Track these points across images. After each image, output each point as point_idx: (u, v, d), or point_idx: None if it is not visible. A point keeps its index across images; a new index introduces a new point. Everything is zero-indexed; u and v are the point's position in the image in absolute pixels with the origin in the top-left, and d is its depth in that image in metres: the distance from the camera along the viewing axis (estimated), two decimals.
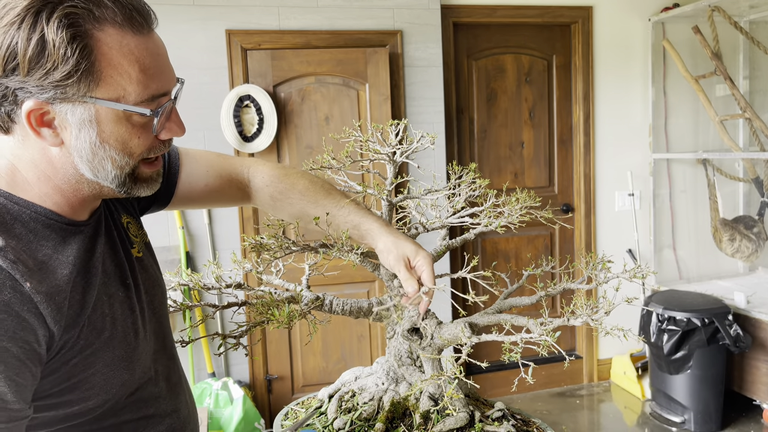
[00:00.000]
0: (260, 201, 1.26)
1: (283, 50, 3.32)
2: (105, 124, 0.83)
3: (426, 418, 1.19)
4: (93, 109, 0.81)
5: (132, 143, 0.86)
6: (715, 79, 3.87)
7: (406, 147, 1.28)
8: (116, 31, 0.80)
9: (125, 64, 0.81)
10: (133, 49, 0.82)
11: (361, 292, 3.48)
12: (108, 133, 0.84)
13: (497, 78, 3.88)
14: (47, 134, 0.82)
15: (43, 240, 0.86)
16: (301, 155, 3.35)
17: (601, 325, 1.06)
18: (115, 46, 0.80)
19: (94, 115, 0.82)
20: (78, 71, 0.78)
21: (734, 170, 4.13)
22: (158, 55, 0.85)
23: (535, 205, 1.28)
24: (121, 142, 0.85)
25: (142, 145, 0.87)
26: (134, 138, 0.86)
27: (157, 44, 0.86)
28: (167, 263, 3.20)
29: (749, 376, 3.48)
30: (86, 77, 0.79)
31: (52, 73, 0.77)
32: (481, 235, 3.89)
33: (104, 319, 0.91)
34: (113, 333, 0.92)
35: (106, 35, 0.80)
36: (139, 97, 0.83)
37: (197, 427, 1.17)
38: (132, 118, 0.84)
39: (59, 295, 0.84)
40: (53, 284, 0.83)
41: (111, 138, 0.84)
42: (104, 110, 0.82)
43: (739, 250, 3.71)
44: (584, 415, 3.78)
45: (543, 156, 4.00)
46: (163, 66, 0.87)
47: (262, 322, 1.12)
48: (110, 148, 0.85)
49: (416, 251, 1.12)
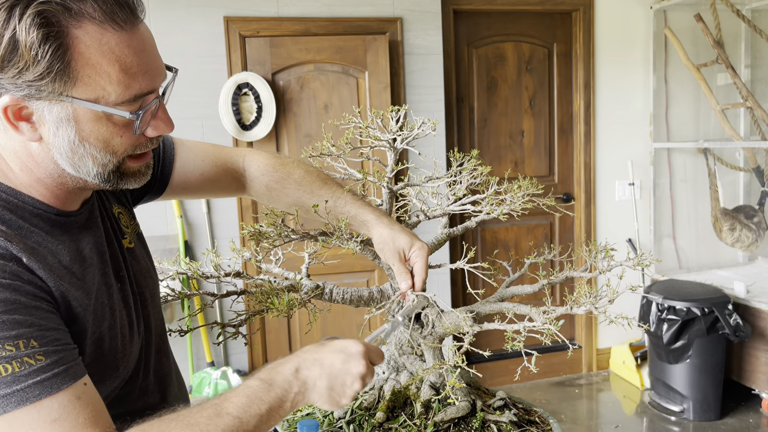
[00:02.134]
0: (255, 191, 1.24)
1: (282, 37, 3.28)
2: (84, 123, 0.80)
3: (427, 407, 1.18)
4: (70, 108, 0.78)
5: (114, 142, 0.83)
6: (717, 67, 3.84)
7: (406, 133, 1.26)
8: (95, 28, 0.76)
9: (104, 64, 0.77)
10: (114, 47, 0.77)
11: (361, 281, 3.47)
12: (87, 132, 0.81)
13: (498, 66, 3.85)
14: (25, 129, 0.80)
15: (34, 227, 0.84)
16: (300, 144, 3.33)
17: (604, 313, 1.05)
18: (94, 45, 0.76)
19: (72, 114, 0.79)
20: (51, 72, 0.75)
21: (735, 159, 4.11)
22: (143, 52, 0.81)
23: (537, 193, 1.27)
24: (102, 141, 0.82)
25: (125, 143, 0.84)
26: (116, 137, 0.83)
27: (143, 39, 0.81)
28: (165, 252, 3.18)
29: (748, 365, 3.49)
30: (61, 77, 0.76)
31: (24, 73, 0.74)
32: (481, 224, 3.88)
33: (104, 309, 0.90)
34: (113, 323, 0.91)
35: (84, 33, 0.76)
36: (119, 97, 0.79)
37: None
38: (113, 118, 0.81)
39: (62, 278, 0.83)
40: (49, 265, 0.82)
41: (91, 137, 0.81)
42: (82, 109, 0.79)
43: (739, 239, 3.70)
44: (583, 404, 3.79)
45: (543, 145, 3.98)
46: (149, 63, 0.82)
47: (262, 311, 1.11)
48: (90, 146, 0.82)
49: (411, 243, 1.10)
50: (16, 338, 0.74)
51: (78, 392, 0.78)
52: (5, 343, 0.73)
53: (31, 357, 0.74)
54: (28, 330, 0.75)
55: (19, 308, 0.75)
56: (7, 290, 0.75)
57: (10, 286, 0.76)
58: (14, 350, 0.73)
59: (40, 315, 0.77)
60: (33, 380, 0.74)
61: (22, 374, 0.73)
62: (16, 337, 0.74)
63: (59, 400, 0.75)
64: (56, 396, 0.75)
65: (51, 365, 0.76)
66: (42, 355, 0.75)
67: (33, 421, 0.74)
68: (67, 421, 0.76)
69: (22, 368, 0.73)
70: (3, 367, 0.73)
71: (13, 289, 0.76)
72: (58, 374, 0.76)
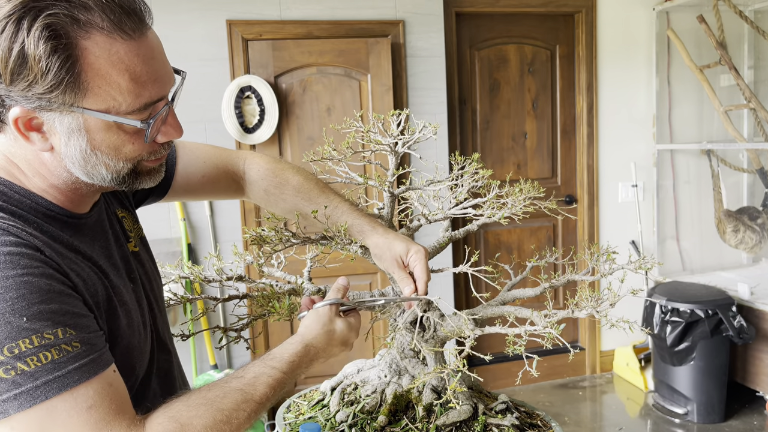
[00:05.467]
0: (254, 194, 1.25)
1: (284, 40, 3.29)
2: (95, 132, 0.80)
3: (429, 410, 1.18)
4: (81, 119, 0.78)
5: (125, 149, 0.84)
6: (720, 69, 3.83)
7: (408, 137, 1.26)
8: (104, 39, 0.76)
9: (114, 74, 0.77)
10: (123, 57, 0.77)
11: (363, 284, 3.47)
12: (99, 141, 0.81)
13: (500, 68, 3.85)
14: (36, 139, 0.80)
15: (48, 226, 0.85)
16: (302, 147, 3.33)
17: (606, 317, 1.05)
18: (103, 55, 0.76)
19: (83, 125, 0.79)
20: (61, 84, 0.75)
21: (738, 161, 4.10)
22: (152, 59, 0.81)
23: (538, 196, 1.26)
24: (113, 149, 0.83)
25: (136, 150, 0.85)
26: (127, 145, 0.83)
27: (151, 47, 0.81)
28: (169, 255, 3.19)
29: (753, 367, 3.47)
30: (71, 89, 0.76)
31: (34, 86, 0.74)
32: (484, 226, 3.87)
33: (121, 308, 0.91)
34: (129, 322, 0.92)
35: (93, 44, 0.75)
36: (130, 107, 0.80)
37: None
38: (124, 127, 0.81)
39: (79, 275, 0.83)
40: (67, 262, 0.82)
41: (102, 146, 0.82)
42: (93, 120, 0.79)
43: (742, 241, 3.69)
44: (587, 406, 3.78)
45: (546, 147, 3.98)
46: (158, 70, 0.82)
47: (263, 315, 1.12)
48: (102, 154, 0.82)
49: (407, 249, 1.11)
50: (55, 326, 0.75)
51: (110, 378, 0.79)
52: (44, 332, 0.74)
53: (69, 344, 0.75)
54: (65, 318, 0.76)
55: (54, 297, 0.76)
56: (42, 279, 0.76)
57: (44, 274, 0.76)
58: (53, 338, 0.74)
59: (73, 303, 0.79)
60: (72, 366, 0.75)
61: (61, 361, 0.74)
62: (55, 325, 0.75)
63: (94, 387, 0.77)
64: (91, 382, 0.76)
65: (86, 352, 0.77)
66: (78, 342, 0.76)
67: (71, 408, 0.75)
68: (102, 408, 0.77)
69: (61, 355, 0.74)
70: (43, 355, 0.73)
71: (47, 276, 0.77)
72: (93, 360, 0.77)
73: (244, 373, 0.91)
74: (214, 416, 0.82)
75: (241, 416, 0.85)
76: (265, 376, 0.91)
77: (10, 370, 0.72)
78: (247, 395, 0.87)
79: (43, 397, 0.73)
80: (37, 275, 0.75)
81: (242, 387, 0.88)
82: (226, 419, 0.83)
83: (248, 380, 0.89)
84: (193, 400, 0.84)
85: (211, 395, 0.85)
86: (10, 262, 0.74)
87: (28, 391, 0.72)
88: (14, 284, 0.73)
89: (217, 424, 0.82)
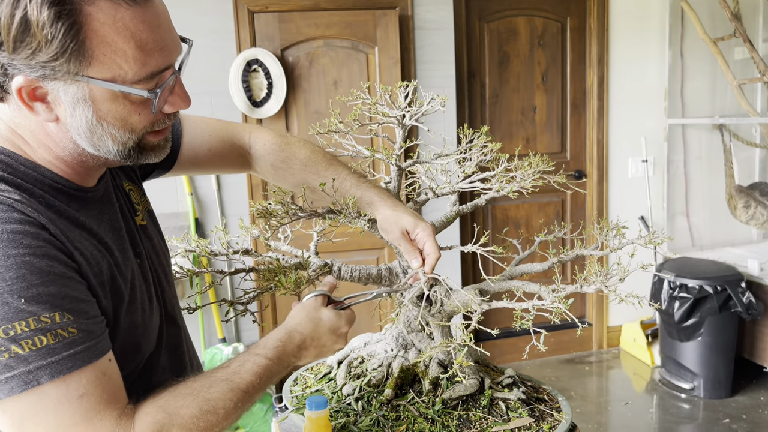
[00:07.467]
0: (261, 168, 1.23)
1: (291, 12, 3.25)
2: (101, 102, 0.79)
3: (435, 384, 1.18)
4: (86, 88, 0.77)
5: (132, 120, 0.82)
6: (734, 41, 3.75)
7: (415, 110, 1.24)
8: (109, 5, 0.74)
9: (119, 41, 0.75)
10: (128, 23, 0.75)
11: (370, 259, 3.47)
12: (105, 111, 0.79)
13: (509, 41, 3.79)
14: (41, 109, 0.78)
15: (54, 199, 0.83)
16: (309, 120, 3.31)
17: (614, 292, 1.04)
18: (108, 22, 0.74)
19: (89, 94, 0.77)
20: (66, 52, 0.73)
21: (751, 136, 4.05)
22: (158, 27, 0.79)
23: (548, 170, 1.25)
24: (120, 119, 0.81)
25: (143, 121, 0.83)
26: (134, 115, 0.82)
27: (157, 13, 0.79)
28: (176, 229, 3.20)
29: (760, 343, 3.47)
30: (76, 57, 0.74)
31: (38, 54, 0.72)
32: (492, 201, 3.85)
33: (125, 284, 0.90)
34: (132, 299, 0.91)
35: (98, 9, 0.73)
36: (136, 75, 0.78)
37: None
38: (130, 96, 0.80)
39: (84, 252, 0.82)
40: (72, 239, 0.81)
41: (108, 116, 0.80)
42: (99, 89, 0.77)
43: (753, 217, 3.66)
44: (593, 381, 3.80)
45: (555, 121, 3.93)
46: (164, 38, 0.80)
47: (270, 289, 1.11)
48: (108, 125, 0.81)
49: (415, 223, 1.10)
50: (53, 309, 0.73)
51: (104, 368, 0.78)
52: (41, 315, 0.73)
53: (65, 329, 0.74)
54: (63, 302, 0.75)
55: (54, 279, 0.75)
56: (45, 259, 0.74)
57: (47, 255, 0.75)
58: (50, 322, 0.73)
59: (73, 286, 0.77)
60: (66, 353, 0.74)
61: (56, 346, 0.73)
62: (53, 308, 0.73)
63: (87, 375, 0.76)
64: (85, 370, 0.76)
65: (82, 339, 0.76)
66: (74, 328, 0.75)
67: (62, 395, 0.74)
68: (93, 397, 0.76)
69: (56, 341, 0.73)
70: (38, 339, 0.72)
71: (50, 257, 0.75)
72: (89, 348, 0.76)
73: (230, 363, 0.91)
74: (201, 406, 0.82)
75: (228, 405, 0.84)
76: (250, 364, 0.90)
77: (4, 353, 0.71)
78: (233, 384, 0.86)
79: (35, 382, 0.72)
80: (40, 255, 0.74)
81: (228, 377, 0.87)
82: (212, 409, 0.83)
83: (233, 369, 0.89)
84: (181, 390, 0.84)
85: (197, 385, 0.85)
86: (12, 241, 0.73)
87: (20, 375, 0.72)
88: (15, 264, 0.72)
89: (204, 413, 0.82)
